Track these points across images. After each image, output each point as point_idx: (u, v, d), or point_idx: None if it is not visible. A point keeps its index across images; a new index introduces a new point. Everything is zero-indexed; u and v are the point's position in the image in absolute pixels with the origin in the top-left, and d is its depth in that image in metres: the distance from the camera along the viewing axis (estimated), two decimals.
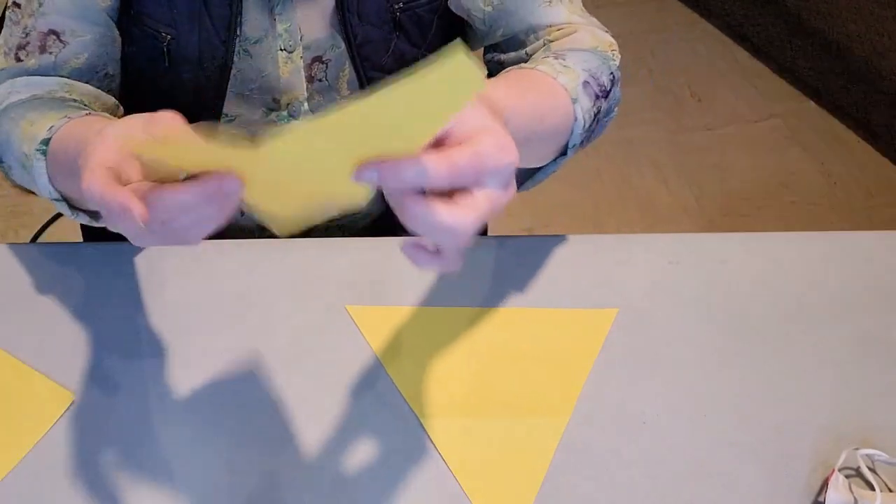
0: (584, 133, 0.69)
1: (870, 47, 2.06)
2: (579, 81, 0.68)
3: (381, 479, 0.66)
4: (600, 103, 0.70)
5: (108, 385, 0.70)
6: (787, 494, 0.66)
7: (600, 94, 0.70)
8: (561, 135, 0.67)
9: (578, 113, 0.67)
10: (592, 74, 0.70)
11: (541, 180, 0.74)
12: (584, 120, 0.68)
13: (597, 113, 0.70)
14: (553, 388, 0.71)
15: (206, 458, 0.66)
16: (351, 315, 0.75)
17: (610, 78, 0.72)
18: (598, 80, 0.70)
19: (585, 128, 0.68)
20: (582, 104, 0.68)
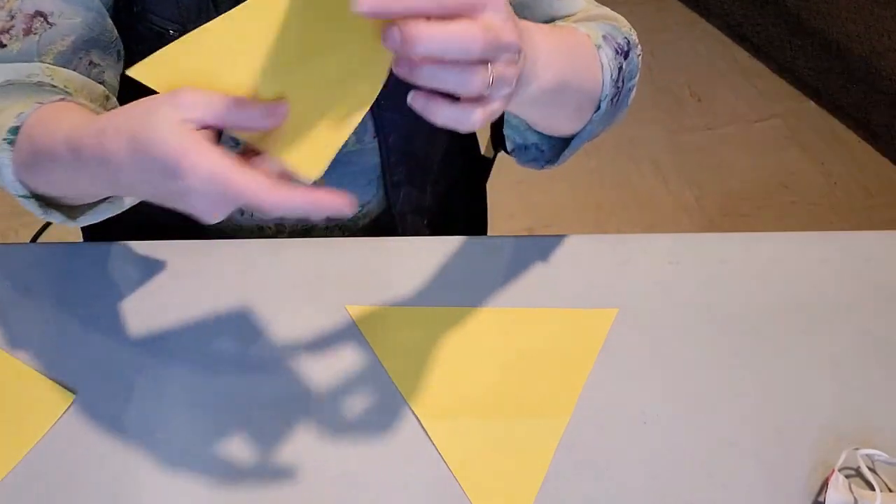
0: (613, 86, 0.68)
1: (870, 47, 2.06)
2: (600, 34, 0.68)
3: (381, 479, 0.66)
4: (621, 59, 0.70)
5: (109, 385, 0.70)
6: (787, 494, 0.66)
7: (619, 51, 0.69)
8: (593, 81, 0.66)
9: (604, 59, 0.67)
10: (609, 33, 0.70)
11: (575, 149, 0.73)
12: (610, 68, 0.67)
13: (620, 68, 0.69)
14: (553, 388, 0.71)
15: (206, 458, 0.66)
16: (351, 315, 0.75)
17: (625, 40, 0.72)
18: (615, 38, 0.70)
19: (613, 78, 0.68)
20: (606, 52, 0.67)
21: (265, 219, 0.90)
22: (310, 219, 0.91)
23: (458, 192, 1.04)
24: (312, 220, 0.68)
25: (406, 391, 0.70)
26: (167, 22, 0.75)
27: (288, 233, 0.92)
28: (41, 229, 1.00)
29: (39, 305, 0.75)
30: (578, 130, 0.70)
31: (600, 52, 0.67)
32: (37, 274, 0.77)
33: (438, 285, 0.78)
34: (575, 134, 0.71)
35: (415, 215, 0.94)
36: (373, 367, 0.72)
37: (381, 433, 0.68)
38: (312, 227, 0.92)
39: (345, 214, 0.51)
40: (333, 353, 0.73)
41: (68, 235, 1.82)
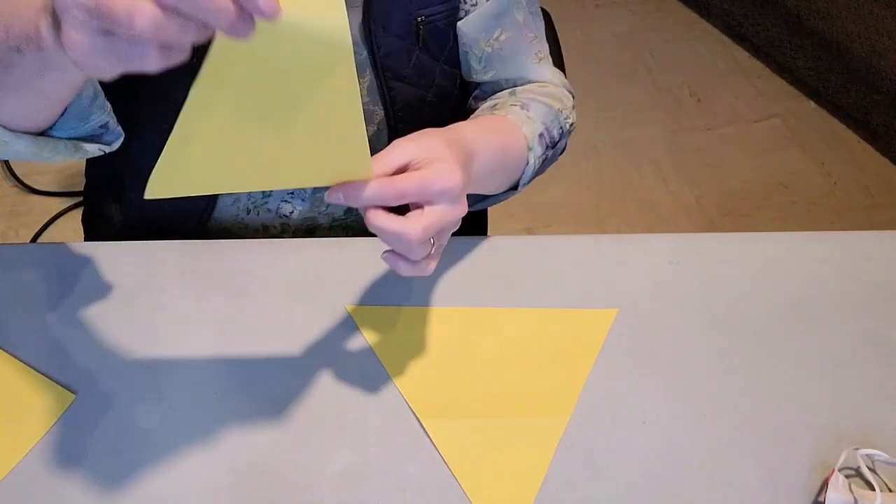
0: (533, 175, 0.81)
1: (869, 47, 2.06)
2: (537, 133, 0.80)
3: (381, 479, 0.66)
4: (549, 152, 0.82)
5: (109, 385, 0.70)
6: (787, 494, 0.66)
7: (550, 145, 0.82)
8: (516, 171, 0.79)
9: (531, 159, 0.79)
10: (547, 128, 0.82)
11: (490, 205, 0.85)
12: (534, 165, 0.80)
13: (545, 160, 0.82)
14: (553, 388, 0.71)
15: (206, 457, 0.66)
16: (351, 315, 0.75)
17: (559, 131, 0.84)
18: (550, 133, 0.82)
19: (534, 171, 0.80)
20: (535, 152, 0.79)
21: (270, 217, 0.90)
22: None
23: None
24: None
25: (406, 391, 0.71)
26: None
27: (292, 233, 0.92)
28: (41, 229, 1.00)
29: (39, 305, 0.75)
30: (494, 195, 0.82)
31: (530, 153, 0.79)
32: (37, 274, 0.77)
33: (438, 285, 0.78)
34: (490, 195, 0.82)
35: None
36: (373, 367, 0.72)
37: (381, 433, 0.68)
38: (317, 227, 0.92)
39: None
40: (333, 353, 0.73)
41: (68, 235, 1.82)
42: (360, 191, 0.57)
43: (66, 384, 0.70)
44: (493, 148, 0.73)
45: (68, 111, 0.65)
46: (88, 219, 1.02)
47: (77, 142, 0.68)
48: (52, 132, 0.66)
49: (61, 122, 0.65)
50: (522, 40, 0.86)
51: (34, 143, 0.64)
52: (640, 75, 2.28)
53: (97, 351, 0.72)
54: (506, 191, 0.81)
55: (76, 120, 0.67)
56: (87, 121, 0.68)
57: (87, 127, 0.68)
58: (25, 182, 1.91)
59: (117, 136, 0.72)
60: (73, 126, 0.67)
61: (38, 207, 1.87)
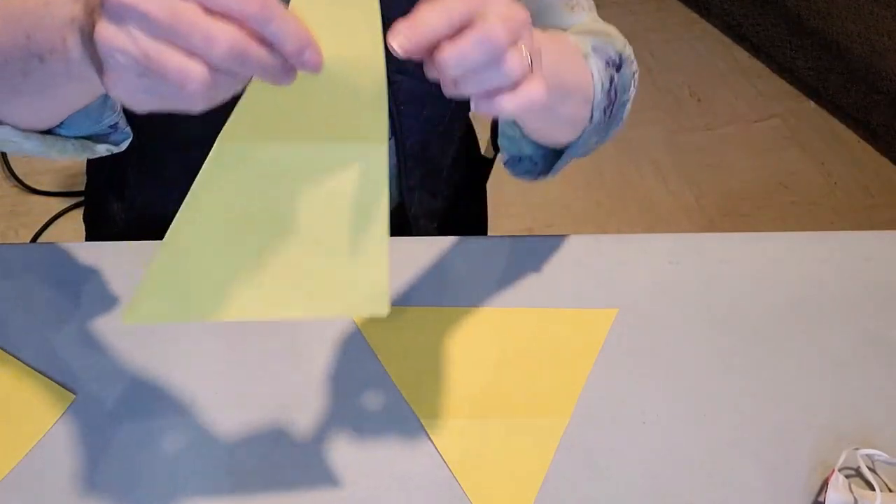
0: (605, 96, 0.68)
1: (869, 47, 2.06)
2: (589, 45, 0.69)
3: (381, 479, 0.66)
4: (612, 71, 0.70)
5: (109, 385, 0.70)
6: (787, 494, 0.66)
7: (609, 63, 0.70)
8: (584, 90, 0.66)
9: (594, 69, 0.67)
10: (597, 46, 0.70)
11: (567, 161, 0.73)
12: (601, 79, 0.68)
13: (611, 80, 0.70)
14: (553, 388, 0.71)
15: (206, 458, 0.66)
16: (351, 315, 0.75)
17: (617, 55, 0.72)
18: (605, 51, 0.70)
19: (605, 88, 0.68)
20: (595, 64, 0.68)
21: None
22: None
23: (463, 195, 1.04)
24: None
25: (406, 391, 0.70)
26: None
27: None
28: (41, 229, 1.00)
29: (39, 305, 0.75)
30: (572, 141, 0.71)
31: (589, 61, 0.68)
32: (37, 274, 0.77)
33: (438, 285, 0.78)
34: (568, 145, 0.72)
35: (427, 219, 0.95)
36: (373, 367, 0.72)
37: (381, 433, 0.68)
38: None
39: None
40: (334, 353, 0.73)
41: (68, 235, 1.81)
42: (421, 24, 0.46)
43: (66, 384, 0.70)
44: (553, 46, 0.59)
45: (79, 111, 0.65)
46: (90, 217, 1.02)
47: (85, 141, 0.67)
48: (60, 131, 0.65)
49: (70, 121, 0.64)
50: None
51: (43, 143, 0.63)
52: (640, 75, 2.28)
53: (97, 351, 0.72)
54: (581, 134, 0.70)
55: (87, 119, 0.66)
56: (97, 121, 0.67)
57: (97, 127, 0.67)
58: (25, 182, 1.91)
59: (126, 137, 0.71)
60: (84, 125, 0.66)
61: (38, 207, 1.87)
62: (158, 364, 0.71)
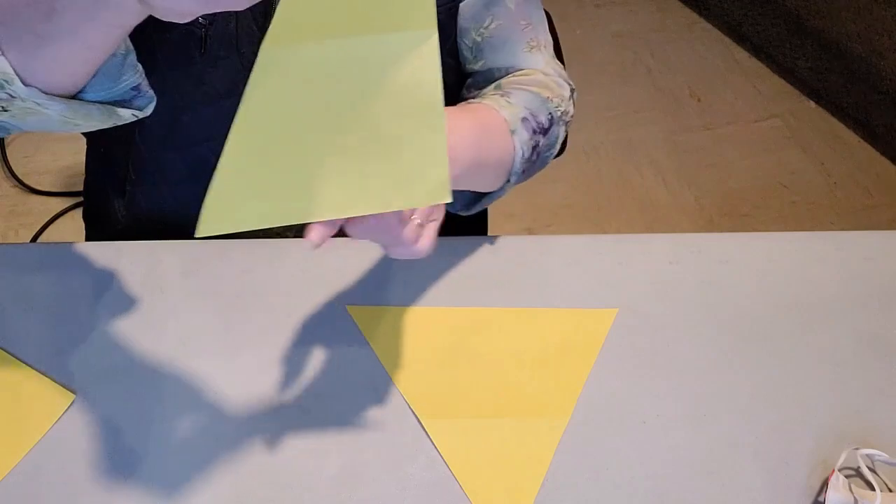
0: (525, 163, 0.76)
1: (870, 47, 2.06)
2: (519, 116, 0.75)
3: (381, 479, 0.66)
4: (538, 138, 0.77)
5: (109, 385, 0.70)
6: (787, 494, 0.66)
7: (538, 130, 0.77)
8: (504, 163, 0.74)
9: (517, 143, 0.74)
10: (532, 112, 0.77)
11: (487, 204, 0.80)
12: (522, 150, 0.74)
13: (535, 146, 0.77)
14: (553, 388, 0.71)
15: (206, 457, 0.66)
16: (351, 315, 0.75)
17: (548, 118, 0.79)
18: (536, 118, 0.77)
19: (525, 157, 0.75)
20: (520, 136, 0.74)
21: None
22: None
23: None
24: None
25: (406, 391, 0.70)
26: None
27: (294, 233, 0.92)
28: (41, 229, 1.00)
29: (39, 305, 0.75)
30: (491, 192, 0.77)
31: (514, 136, 0.74)
32: (37, 274, 0.77)
33: (438, 285, 0.78)
34: (486, 193, 0.78)
35: None
36: (373, 367, 0.72)
37: (381, 433, 0.68)
38: None
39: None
40: (333, 353, 0.73)
41: (68, 235, 1.81)
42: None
43: (66, 384, 0.70)
44: (469, 140, 0.69)
45: (100, 71, 0.63)
46: (90, 216, 1.02)
47: (110, 106, 0.65)
48: (83, 96, 0.63)
49: (92, 84, 0.63)
50: (514, 28, 0.84)
51: (68, 108, 0.61)
52: (640, 75, 2.28)
53: (97, 351, 0.72)
54: (499, 188, 0.78)
55: (108, 80, 0.64)
56: (118, 81, 0.65)
57: (118, 89, 0.65)
58: (25, 182, 1.90)
59: (150, 100, 0.69)
60: (106, 87, 0.64)
61: (38, 207, 1.87)
62: (158, 364, 0.71)
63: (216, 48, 0.76)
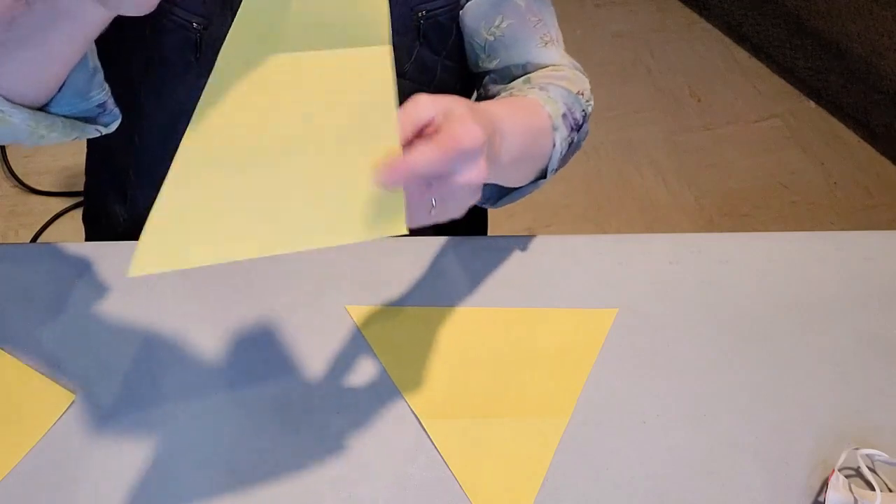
0: (560, 162, 0.76)
1: (870, 47, 2.06)
2: (560, 113, 0.75)
3: (381, 480, 0.66)
4: (574, 135, 0.77)
5: (109, 385, 0.70)
6: (787, 494, 0.66)
7: (574, 127, 0.77)
8: (544, 157, 0.74)
9: (557, 140, 0.74)
10: (570, 109, 0.77)
11: (517, 199, 0.78)
12: (561, 148, 0.74)
13: (571, 143, 0.77)
14: (553, 388, 0.71)
15: (206, 457, 0.66)
16: (351, 315, 0.75)
17: (582, 114, 0.79)
18: (573, 115, 0.77)
19: (562, 155, 0.75)
20: (560, 133, 0.74)
21: None
22: None
23: None
24: None
25: (406, 391, 0.71)
26: (192, 15, 0.75)
27: None
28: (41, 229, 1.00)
29: (39, 305, 0.75)
30: (522, 186, 0.76)
31: (556, 133, 0.74)
32: (37, 274, 0.77)
33: (438, 285, 0.78)
34: (518, 188, 0.76)
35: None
36: (373, 367, 0.72)
37: (381, 433, 0.68)
38: None
39: None
40: (333, 353, 0.73)
41: (68, 235, 1.81)
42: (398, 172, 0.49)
43: (66, 384, 0.70)
44: (521, 128, 0.67)
45: (67, 86, 0.64)
46: (90, 218, 1.02)
47: (74, 120, 0.66)
48: (50, 108, 0.65)
49: (60, 98, 0.64)
50: (525, 25, 0.83)
51: (32, 117, 0.61)
52: (640, 75, 2.28)
53: (97, 351, 0.72)
54: (534, 181, 0.76)
55: (75, 96, 0.65)
56: (86, 98, 0.66)
57: (85, 105, 0.67)
58: (25, 182, 1.90)
59: (115, 118, 0.71)
60: (73, 102, 0.66)
61: (38, 207, 1.87)
62: (158, 364, 0.71)
63: (211, 52, 0.76)
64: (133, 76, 0.79)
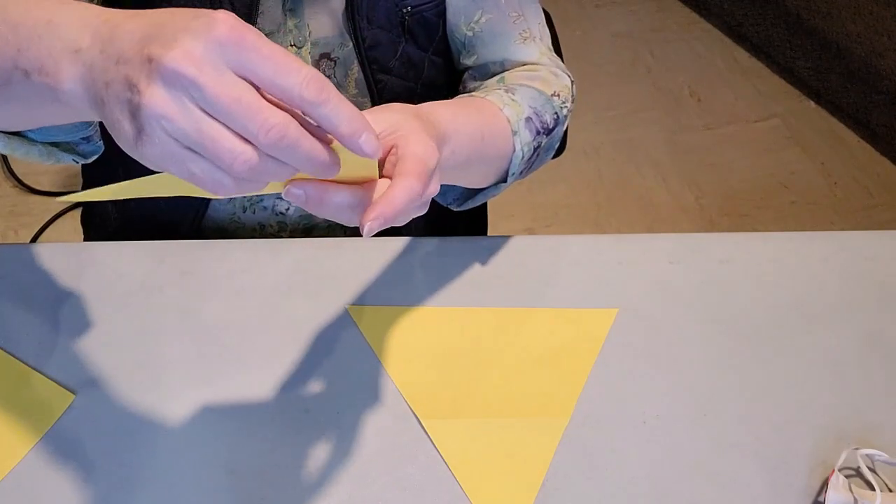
0: (523, 164, 0.74)
1: (870, 47, 2.06)
2: (523, 116, 0.74)
3: (381, 480, 0.66)
4: (541, 139, 0.76)
5: (109, 385, 0.70)
6: (787, 494, 0.66)
7: (542, 131, 0.75)
8: (501, 160, 0.72)
9: (517, 145, 0.72)
10: (536, 112, 0.75)
11: (480, 201, 0.78)
12: (522, 152, 0.73)
13: (537, 147, 0.76)
14: (553, 388, 0.71)
15: (206, 457, 0.66)
16: (351, 315, 0.75)
17: (553, 117, 0.77)
18: (541, 118, 0.76)
19: (524, 159, 0.74)
20: (522, 137, 0.73)
21: (266, 215, 0.90)
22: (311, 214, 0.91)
23: None
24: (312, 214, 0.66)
25: (406, 391, 0.71)
26: None
27: (289, 232, 0.92)
28: (41, 229, 1.00)
29: (39, 305, 0.75)
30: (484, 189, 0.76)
31: (515, 138, 0.72)
32: (37, 274, 0.77)
33: (438, 285, 0.78)
34: (480, 190, 0.76)
35: (419, 216, 0.94)
36: (373, 367, 0.72)
37: (381, 433, 0.68)
38: (314, 227, 0.92)
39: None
40: (334, 353, 0.73)
41: (68, 235, 1.81)
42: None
43: (66, 384, 0.70)
44: (470, 129, 0.66)
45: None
46: (86, 219, 1.02)
47: (52, 148, 0.65)
48: (29, 134, 0.63)
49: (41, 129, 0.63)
50: (504, 20, 0.82)
51: (7, 143, 0.61)
52: (640, 75, 2.28)
53: (97, 351, 0.72)
54: (495, 184, 0.76)
55: (60, 131, 0.65)
56: (71, 133, 0.66)
57: (69, 136, 0.67)
58: (25, 182, 1.91)
59: (95, 150, 0.70)
60: (55, 134, 0.65)
61: (38, 207, 1.87)
62: (158, 364, 0.71)
63: None
64: None
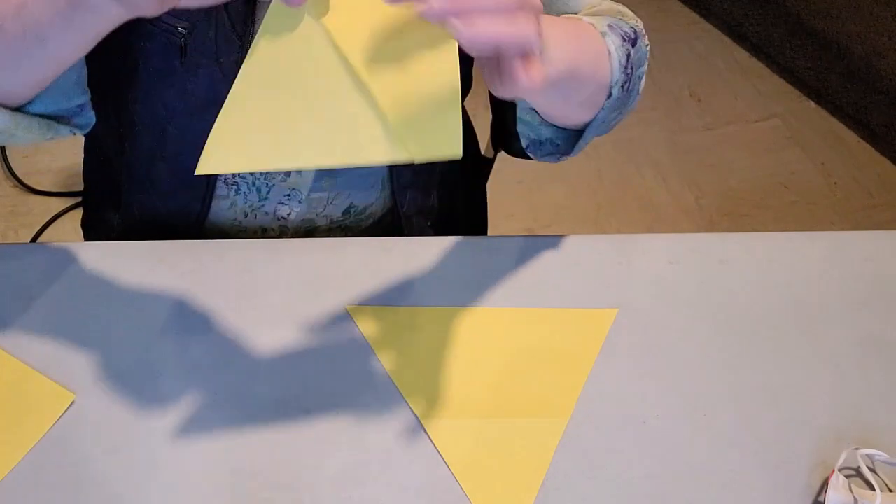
0: (622, 73, 0.68)
1: (870, 47, 2.07)
2: (605, 23, 0.69)
3: (381, 480, 0.66)
4: (628, 46, 0.70)
5: (109, 385, 0.70)
6: (787, 494, 0.66)
7: (626, 38, 0.70)
8: (601, 69, 0.67)
9: (611, 47, 0.67)
10: (613, 23, 0.70)
11: (591, 137, 0.73)
12: (618, 55, 0.67)
13: (628, 55, 0.69)
14: (553, 388, 0.71)
15: (206, 458, 0.66)
16: (351, 315, 0.75)
17: (631, 30, 0.72)
18: (620, 28, 0.70)
19: (622, 64, 0.68)
20: (612, 40, 0.68)
21: (267, 220, 0.90)
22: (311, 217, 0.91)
23: (461, 194, 1.04)
24: None
25: (406, 391, 0.71)
26: (177, 20, 0.75)
27: (290, 235, 0.92)
28: (41, 229, 1.00)
29: (39, 305, 0.75)
30: (590, 120, 0.70)
31: (606, 39, 0.67)
32: (37, 274, 0.77)
33: (438, 285, 0.78)
34: (587, 124, 0.71)
35: (420, 217, 0.94)
36: (373, 366, 0.72)
37: (381, 433, 0.68)
38: (315, 229, 0.92)
39: None
40: (334, 353, 0.73)
41: (68, 235, 1.82)
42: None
43: (66, 384, 0.70)
44: (568, 33, 0.62)
45: (54, 85, 0.65)
46: (87, 224, 1.03)
47: (51, 121, 0.67)
48: (29, 108, 0.65)
49: (42, 97, 0.65)
50: None
51: (11, 118, 0.63)
52: None
53: (97, 351, 0.72)
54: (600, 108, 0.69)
55: (59, 95, 0.66)
56: (69, 98, 0.68)
57: (65, 104, 0.68)
58: (25, 182, 1.91)
59: (89, 121, 0.72)
60: (55, 101, 0.67)
61: (38, 207, 1.87)
62: (158, 364, 0.71)
63: (196, 57, 0.76)
64: (121, 82, 0.80)
